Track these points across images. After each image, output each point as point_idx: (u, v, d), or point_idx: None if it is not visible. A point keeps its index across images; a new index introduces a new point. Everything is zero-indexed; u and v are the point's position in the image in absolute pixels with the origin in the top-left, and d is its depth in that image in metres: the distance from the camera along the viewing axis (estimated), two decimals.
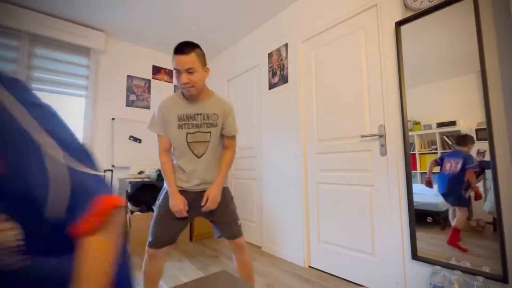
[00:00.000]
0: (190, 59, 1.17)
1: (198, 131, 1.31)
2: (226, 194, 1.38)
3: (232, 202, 1.41)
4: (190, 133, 1.30)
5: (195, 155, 1.32)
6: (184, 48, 1.17)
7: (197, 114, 1.31)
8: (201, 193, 1.33)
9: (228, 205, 1.37)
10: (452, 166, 1.45)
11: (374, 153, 1.80)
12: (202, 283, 1.01)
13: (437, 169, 1.50)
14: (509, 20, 1.26)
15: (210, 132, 1.32)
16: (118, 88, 3.17)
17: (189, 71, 1.18)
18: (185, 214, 1.28)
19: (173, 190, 1.28)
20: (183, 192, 1.31)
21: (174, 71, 1.22)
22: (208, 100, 1.33)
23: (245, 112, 3.08)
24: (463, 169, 1.41)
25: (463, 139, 1.43)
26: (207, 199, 1.29)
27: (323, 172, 2.14)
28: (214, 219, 1.36)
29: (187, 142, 1.31)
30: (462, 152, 1.42)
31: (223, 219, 1.36)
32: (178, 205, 1.25)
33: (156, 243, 1.25)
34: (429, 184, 1.53)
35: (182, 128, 1.30)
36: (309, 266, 2.18)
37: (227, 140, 1.40)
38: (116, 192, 0.42)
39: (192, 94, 1.25)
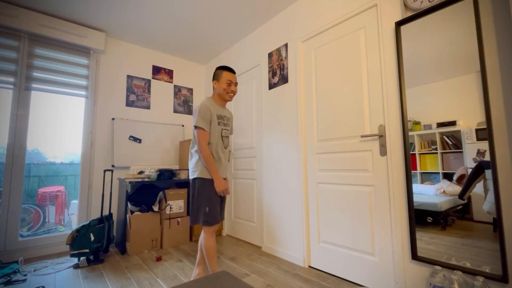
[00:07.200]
0: (236, 78, 1.79)
1: (225, 128, 1.80)
2: None
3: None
4: (223, 128, 1.78)
5: (224, 146, 1.79)
6: (233, 69, 1.80)
7: (224, 116, 1.80)
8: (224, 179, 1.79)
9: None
10: None
11: (374, 153, 1.80)
12: (202, 283, 1.01)
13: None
14: (509, 20, 1.26)
15: (229, 130, 1.84)
16: (118, 88, 3.17)
17: (236, 84, 1.78)
18: (229, 192, 1.84)
19: (218, 175, 1.68)
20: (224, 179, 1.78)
21: (226, 82, 1.74)
22: (226, 108, 1.87)
23: (245, 112, 3.08)
24: None
25: None
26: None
27: (323, 172, 2.14)
28: (222, 202, 1.81)
29: (222, 136, 1.76)
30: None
31: (224, 204, 1.83)
32: (225, 185, 1.69)
33: (216, 221, 1.67)
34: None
35: (219, 125, 1.75)
36: (309, 266, 2.18)
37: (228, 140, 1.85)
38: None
39: (230, 100, 1.81)
